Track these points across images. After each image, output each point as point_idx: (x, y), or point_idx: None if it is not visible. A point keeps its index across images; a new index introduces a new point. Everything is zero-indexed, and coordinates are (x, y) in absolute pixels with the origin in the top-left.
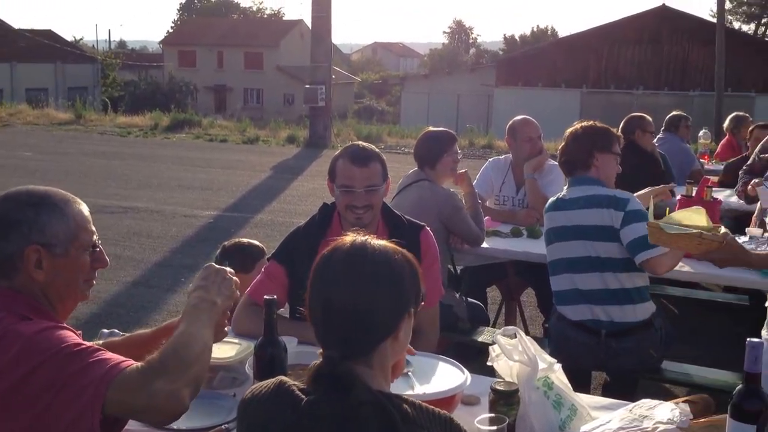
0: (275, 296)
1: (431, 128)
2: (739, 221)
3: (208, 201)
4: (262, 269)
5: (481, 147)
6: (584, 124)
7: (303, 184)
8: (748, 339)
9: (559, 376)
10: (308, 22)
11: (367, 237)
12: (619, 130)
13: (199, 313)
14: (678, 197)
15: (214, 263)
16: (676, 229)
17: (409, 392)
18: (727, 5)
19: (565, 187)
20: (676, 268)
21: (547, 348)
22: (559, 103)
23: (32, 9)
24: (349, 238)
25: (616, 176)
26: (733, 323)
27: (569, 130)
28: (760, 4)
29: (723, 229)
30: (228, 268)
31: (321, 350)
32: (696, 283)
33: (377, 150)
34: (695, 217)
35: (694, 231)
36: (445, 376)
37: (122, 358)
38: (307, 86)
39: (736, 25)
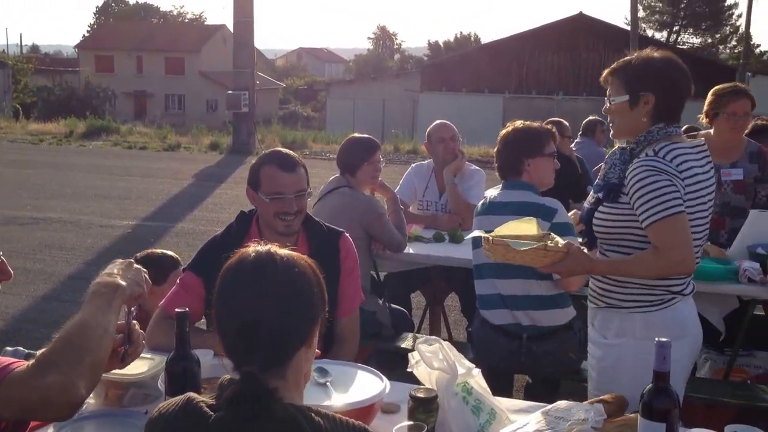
0: (187, 309)
1: (355, 134)
2: None
3: (126, 210)
4: (177, 280)
5: (406, 152)
6: (516, 126)
7: (226, 191)
8: (656, 339)
9: (478, 380)
10: (231, 26)
11: (269, 247)
12: None
13: (98, 298)
14: None
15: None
16: (521, 245)
17: (327, 402)
18: (641, 13)
19: (498, 189)
20: None
21: (469, 352)
22: (483, 108)
23: None
24: (252, 249)
25: None
26: None
27: (503, 132)
28: (672, 13)
29: (557, 239)
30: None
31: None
32: None
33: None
34: (525, 227)
35: (539, 245)
36: (364, 385)
37: (12, 360)
38: (230, 92)
39: (650, 32)
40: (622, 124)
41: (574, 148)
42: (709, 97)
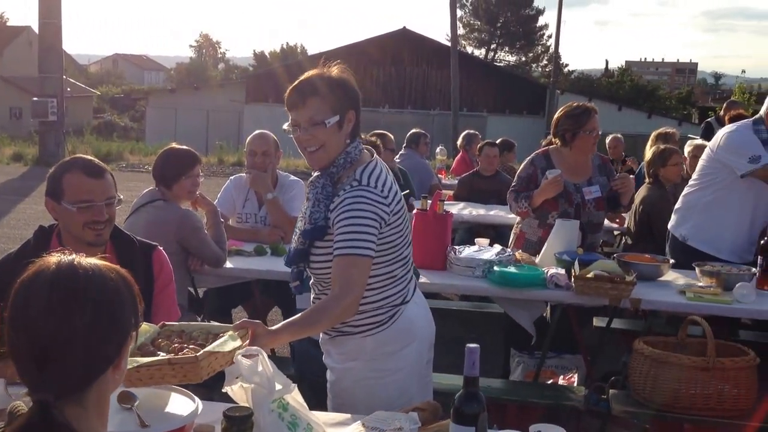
0: None
1: (174, 145)
2: (471, 232)
3: None
4: None
5: (231, 164)
6: None
7: (31, 206)
8: (467, 345)
9: (294, 396)
10: (36, 28)
11: (74, 257)
12: None
13: None
14: (414, 211)
15: None
16: (135, 363)
17: (133, 429)
18: (461, 31)
19: None
20: (435, 281)
21: (291, 367)
22: None
23: None
24: (54, 258)
25: None
26: (465, 329)
27: None
28: (489, 32)
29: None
30: None
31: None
32: (436, 293)
33: None
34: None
35: (162, 359)
36: (175, 407)
37: None
38: (36, 99)
39: (470, 49)
40: (331, 148)
41: (398, 160)
42: (563, 118)
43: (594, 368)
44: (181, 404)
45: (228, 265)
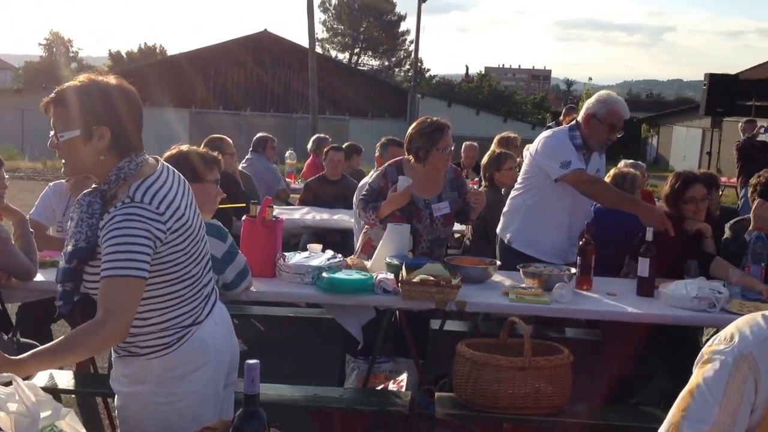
0: None
1: None
2: (317, 236)
3: None
4: None
5: None
6: (182, 150)
7: None
8: (246, 362)
9: (69, 421)
10: None
11: None
12: None
13: None
14: (243, 219)
15: None
16: None
17: None
18: (325, 35)
19: None
20: (264, 289)
21: None
22: (167, 123)
23: None
24: None
25: None
26: (309, 336)
27: (166, 155)
28: (352, 36)
29: None
30: None
31: None
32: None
33: None
34: None
35: None
36: None
37: None
38: None
39: (334, 53)
40: (77, 162)
41: (244, 165)
42: (416, 135)
43: (427, 371)
44: None
45: (40, 277)
